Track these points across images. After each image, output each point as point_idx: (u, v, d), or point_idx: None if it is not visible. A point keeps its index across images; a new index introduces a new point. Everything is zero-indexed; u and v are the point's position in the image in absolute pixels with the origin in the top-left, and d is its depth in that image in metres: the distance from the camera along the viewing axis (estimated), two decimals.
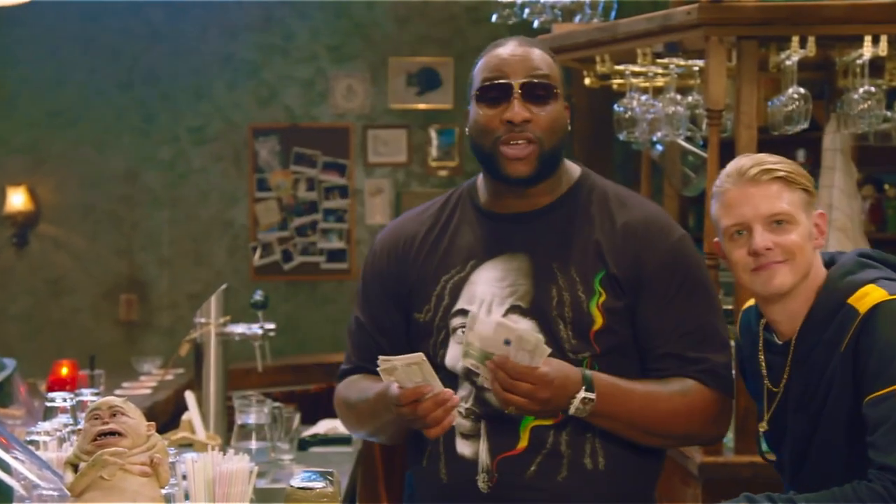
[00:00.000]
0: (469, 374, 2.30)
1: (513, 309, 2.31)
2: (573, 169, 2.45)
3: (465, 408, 2.32)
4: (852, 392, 2.15)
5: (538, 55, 2.34)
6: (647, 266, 2.33)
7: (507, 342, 2.12)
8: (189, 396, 3.46)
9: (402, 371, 2.15)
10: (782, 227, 2.22)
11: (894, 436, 2.07)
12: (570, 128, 2.37)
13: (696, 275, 2.37)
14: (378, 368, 2.17)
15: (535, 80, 2.30)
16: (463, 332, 2.30)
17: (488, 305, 2.33)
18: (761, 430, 2.35)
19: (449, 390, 2.18)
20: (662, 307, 2.32)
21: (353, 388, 2.47)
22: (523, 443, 2.29)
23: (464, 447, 2.32)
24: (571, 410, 2.20)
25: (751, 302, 2.41)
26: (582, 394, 2.19)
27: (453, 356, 2.34)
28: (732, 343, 2.46)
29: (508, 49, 2.34)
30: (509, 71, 2.31)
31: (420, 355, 2.14)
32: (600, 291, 2.31)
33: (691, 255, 2.38)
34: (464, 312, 2.33)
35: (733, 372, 2.42)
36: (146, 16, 7.54)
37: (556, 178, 2.39)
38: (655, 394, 2.29)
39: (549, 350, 2.14)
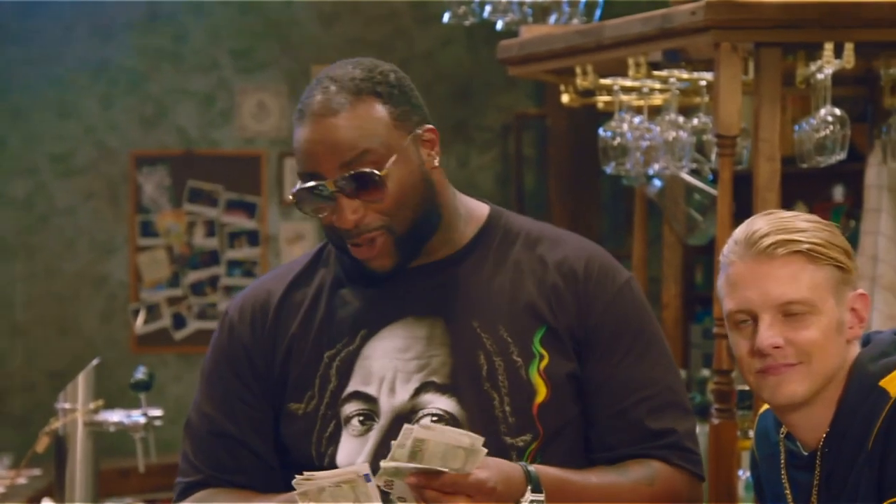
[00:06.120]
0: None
1: (426, 386, 2.31)
2: (478, 208, 2.44)
3: None
4: (877, 501, 2.13)
5: (345, 123, 2.28)
6: (591, 316, 2.35)
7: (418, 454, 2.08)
8: None
9: (329, 493, 2.09)
10: (798, 318, 2.18)
11: None
12: (436, 162, 2.34)
13: (650, 326, 2.41)
14: (296, 492, 2.12)
15: (352, 172, 2.26)
16: (360, 420, 2.31)
17: (390, 384, 2.32)
18: None
19: None
20: (614, 367, 2.34)
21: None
22: None
23: None
24: None
25: (767, 405, 2.41)
26: (529, 496, 2.18)
27: (348, 454, 2.31)
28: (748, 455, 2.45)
29: (309, 127, 2.29)
30: (317, 162, 2.28)
31: (355, 470, 2.10)
32: (542, 353, 2.32)
33: (643, 303, 2.42)
34: (359, 395, 2.33)
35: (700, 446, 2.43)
36: None
37: (447, 228, 2.38)
38: (616, 487, 2.29)
39: (485, 451, 2.12)
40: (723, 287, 2.26)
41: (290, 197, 2.35)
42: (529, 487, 2.19)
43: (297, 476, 2.12)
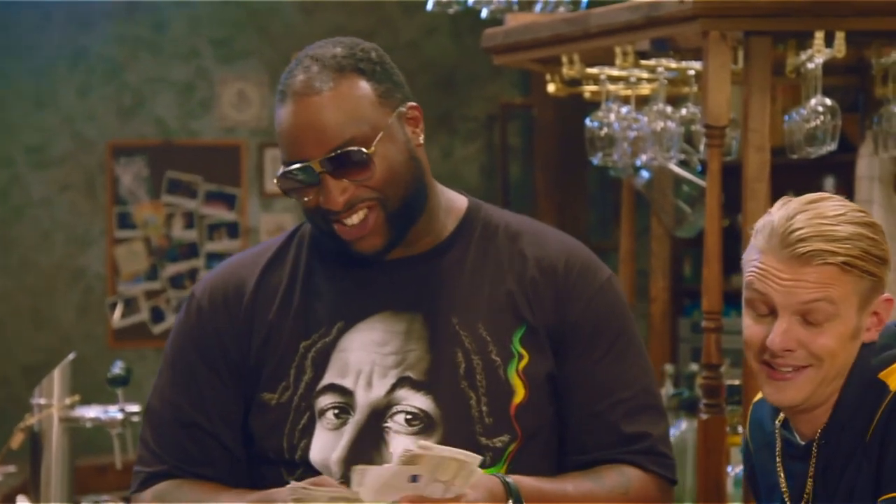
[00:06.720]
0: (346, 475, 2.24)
1: (402, 382, 2.30)
2: (457, 200, 2.44)
3: None
4: (873, 495, 2.15)
5: (329, 104, 2.28)
6: (570, 314, 2.35)
7: (415, 478, 2.06)
8: (22, 502, 3.41)
9: None
10: (818, 322, 2.18)
11: None
12: (421, 139, 2.34)
13: (629, 326, 2.42)
14: (291, 498, 2.10)
15: (339, 152, 2.25)
16: (335, 413, 2.30)
17: (367, 377, 2.31)
18: None
19: None
20: (591, 366, 2.35)
21: (179, 497, 2.38)
22: None
23: None
24: None
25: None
26: None
27: (321, 448, 2.31)
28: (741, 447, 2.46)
29: (292, 108, 2.29)
30: (302, 146, 2.27)
31: (357, 495, 2.07)
32: (521, 353, 2.32)
33: (623, 302, 2.42)
34: (334, 388, 2.32)
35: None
36: None
37: (430, 216, 2.37)
38: (592, 495, 2.30)
39: (480, 472, 2.11)
40: (748, 264, 2.23)
41: (275, 181, 2.33)
42: (510, 501, 2.19)
43: (293, 483, 2.11)
